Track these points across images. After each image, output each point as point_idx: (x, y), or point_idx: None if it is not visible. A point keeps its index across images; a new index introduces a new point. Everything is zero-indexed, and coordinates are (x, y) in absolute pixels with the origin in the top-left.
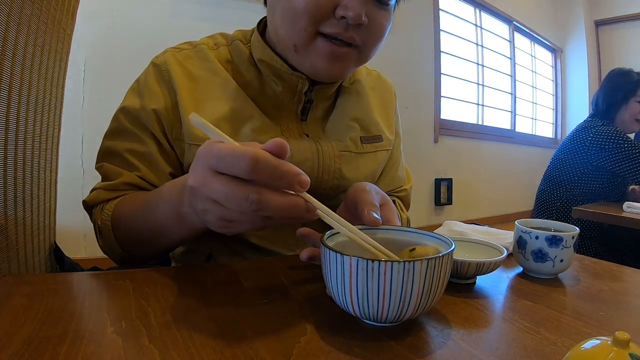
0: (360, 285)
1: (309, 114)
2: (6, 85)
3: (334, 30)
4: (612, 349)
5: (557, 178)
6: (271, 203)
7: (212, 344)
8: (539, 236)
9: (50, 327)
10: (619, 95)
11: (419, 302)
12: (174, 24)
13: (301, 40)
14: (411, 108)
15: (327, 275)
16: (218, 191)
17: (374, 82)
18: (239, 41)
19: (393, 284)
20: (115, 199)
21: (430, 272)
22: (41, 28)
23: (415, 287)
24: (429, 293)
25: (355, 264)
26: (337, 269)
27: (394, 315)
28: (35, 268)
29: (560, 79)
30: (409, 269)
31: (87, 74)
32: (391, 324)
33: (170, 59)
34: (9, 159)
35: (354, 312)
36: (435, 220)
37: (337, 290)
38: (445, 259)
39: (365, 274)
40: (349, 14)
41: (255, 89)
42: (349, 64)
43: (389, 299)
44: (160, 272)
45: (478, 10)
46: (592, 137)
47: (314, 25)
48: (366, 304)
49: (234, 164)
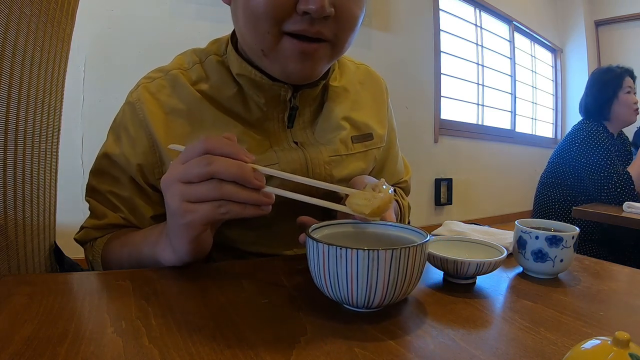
0: (331, 270)
1: (295, 121)
2: (6, 85)
3: (298, 27)
4: (612, 349)
5: (554, 181)
6: (221, 161)
7: (212, 344)
8: (539, 236)
9: (50, 327)
10: (608, 92)
11: (386, 289)
12: (174, 23)
13: (267, 44)
14: (411, 108)
15: (309, 262)
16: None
17: (362, 77)
18: (213, 56)
19: (359, 270)
20: (104, 237)
21: (396, 262)
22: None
23: (381, 274)
24: (395, 281)
25: (327, 250)
26: (314, 255)
27: (364, 300)
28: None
29: (560, 79)
30: (373, 257)
31: (87, 74)
32: (369, 309)
33: (144, 94)
34: (9, 159)
35: (329, 294)
36: (435, 220)
37: (314, 275)
38: (412, 250)
39: (335, 259)
40: (310, 7)
41: (238, 103)
42: (321, 60)
43: (357, 284)
44: (160, 272)
45: (478, 10)
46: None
47: (277, 26)
48: (337, 287)
49: (190, 149)
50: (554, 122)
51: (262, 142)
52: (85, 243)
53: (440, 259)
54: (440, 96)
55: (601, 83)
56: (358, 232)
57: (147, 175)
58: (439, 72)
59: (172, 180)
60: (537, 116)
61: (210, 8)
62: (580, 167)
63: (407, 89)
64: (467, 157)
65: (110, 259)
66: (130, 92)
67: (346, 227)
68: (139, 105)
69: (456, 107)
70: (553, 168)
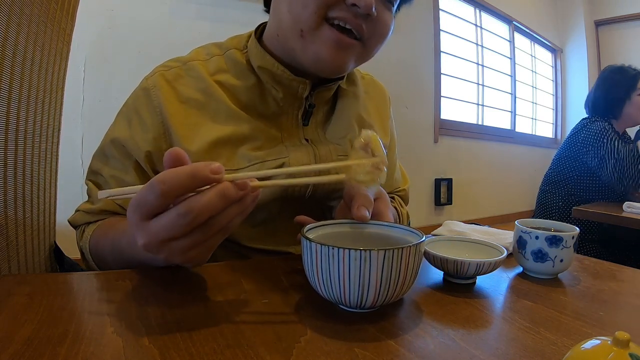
0: (324, 270)
1: (310, 119)
2: (6, 85)
3: (342, 15)
4: (612, 349)
5: (558, 179)
6: (201, 201)
7: (212, 344)
8: (539, 236)
9: (50, 327)
10: (620, 92)
11: (379, 290)
12: (174, 23)
13: (309, 25)
14: (411, 108)
15: (303, 262)
16: (158, 231)
17: (367, 87)
18: (234, 50)
19: (352, 271)
20: (95, 223)
21: (389, 262)
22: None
23: (373, 275)
24: (388, 282)
25: (320, 250)
26: (308, 255)
27: (357, 300)
28: (35, 268)
29: (560, 79)
30: (365, 258)
31: (87, 74)
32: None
33: (160, 81)
34: (9, 159)
35: (323, 294)
36: (435, 220)
37: (309, 274)
38: (405, 251)
39: (328, 259)
40: (361, 2)
41: (256, 96)
42: (352, 56)
43: (349, 284)
44: (160, 272)
45: (478, 10)
46: (585, 136)
47: (324, 9)
48: (330, 287)
49: (147, 197)
50: (554, 122)
51: (274, 136)
52: (78, 227)
53: (440, 259)
54: (440, 96)
55: (614, 81)
56: (355, 232)
57: (155, 162)
58: (439, 72)
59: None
60: (537, 116)
61: (210, 8)
62: (587, 164)
63: (407, 89)
64: (467, 157)
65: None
66: (146, 78)
67: (343, 227)
68: (155, 92)
69: (456, 107)
70: (558, 165)
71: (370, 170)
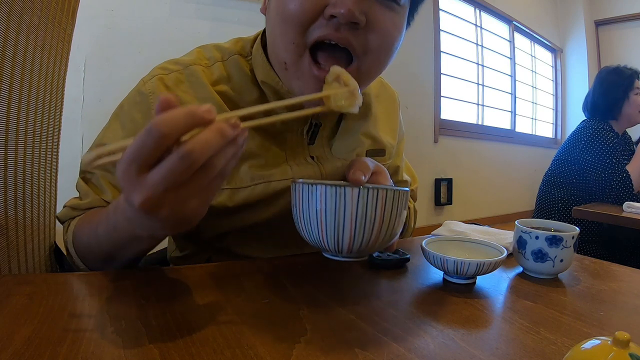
0: (304, 209)
1: (316, 138)
2: (6, 85)
3: (323, 33)
4: (612, 349)
5: (558, 179)
6: (201, 140)
7: (212, 344)
8: (539, 236)
9: (50, 327)
10: (618, 92)
11: (354, 231)
12: (174, 23)
13: (289, 57)
14: (411, 108)
15: (292, 209)
16: (158, 181)
17: (377, 90)
18: (237, 56)
19: (327, 207)
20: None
21: (363, 201)
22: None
23: (348, 212)
24: (363, 223)
25: (300, 189)
26: (294, 198)
27: (333, 241)
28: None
29: (560, 79)
30: (340, 193)
31: (87, 74)
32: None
33: (159, 87)
34: (9, 159)
35: (305, 237)
36: (435, 220)
37: (295, 219)
38: (381, 193)
39: (308, 197)
40: (338, 11)
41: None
42: None
43: (325, 223)
44: (160, 272)
45: (478, 10)
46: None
47: (301, 34)
48: (310, 227)
49: (144, 145)
50: (554, 122)
51: (278, 154)
52: (64, 222)
53: (440, 259)
54: (440, 96)
55: (611, 82)
56: None
57: None
58: (439, 72)
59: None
60: (537, 116)
61: (210, 7)
62: (586, 165)
63: (407, 89)
64: (467, 157)
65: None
66: (144, 82)
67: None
68: (153, 99)
69: (456, 107)
70: (558, 166)
71: (348, 96)
